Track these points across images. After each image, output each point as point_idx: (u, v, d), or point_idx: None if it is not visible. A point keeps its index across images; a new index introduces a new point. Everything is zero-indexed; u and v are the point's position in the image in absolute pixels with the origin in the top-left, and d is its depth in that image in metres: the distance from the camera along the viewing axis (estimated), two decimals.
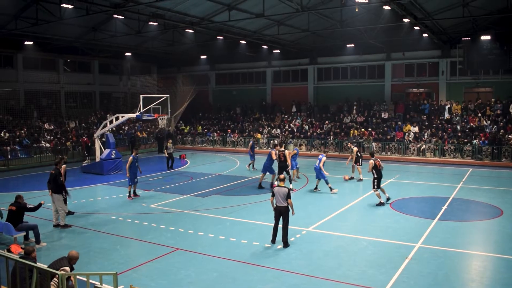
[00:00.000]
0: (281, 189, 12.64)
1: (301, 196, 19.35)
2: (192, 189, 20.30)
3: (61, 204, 14.89)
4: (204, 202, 18.31)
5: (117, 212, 16.83)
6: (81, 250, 12.60)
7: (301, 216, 15.87)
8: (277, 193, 12.63)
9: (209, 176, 23.48)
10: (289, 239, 13.06)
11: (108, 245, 12.95)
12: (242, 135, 38.56)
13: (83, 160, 30.50)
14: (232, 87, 46.35)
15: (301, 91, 41.81)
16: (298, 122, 38.49)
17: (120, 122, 28.01)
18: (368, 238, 13.26)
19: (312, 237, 13.45)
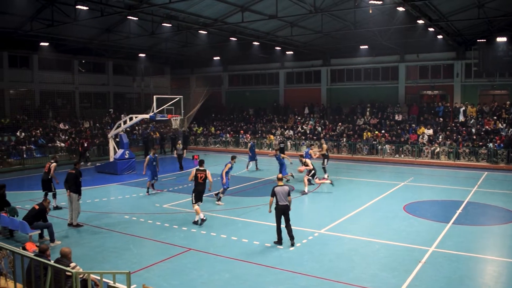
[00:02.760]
0: (283, 188, 12.84)
1: (313, 199, 19.31)
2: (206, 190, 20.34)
3: (78, 205, 15.04)
4: (215, 203, 18.33)
5: (130, 212, 16.94)
6: (95, 249, 12.75)
7: (313, 218, 15.84)
8: (279, 192, 12.77)
9: None
10: (302, 241, 13.07)
11: (121, 245, 13.04)
12: (255, 136, 38.58)
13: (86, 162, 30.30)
14: (245, 89, 46.39)
15: (314, 92, 41.71)
16: (311, 124, 38.40)
17: (134, 122, 28.18)
18: (381, 241, 13.18)
19: (324, 239, 13.41)
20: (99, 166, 27.52)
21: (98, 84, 41.56)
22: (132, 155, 27.00)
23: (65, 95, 38.77)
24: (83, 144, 31.12)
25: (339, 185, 22.33)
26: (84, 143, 31.02)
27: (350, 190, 21.09)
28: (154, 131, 39.72)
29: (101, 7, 24.15)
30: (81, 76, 39.96)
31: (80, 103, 40.10)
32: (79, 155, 30.61)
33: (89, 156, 31.45)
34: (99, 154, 33.65)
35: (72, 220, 15.03)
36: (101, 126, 37.66)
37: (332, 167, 25.36)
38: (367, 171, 27.08)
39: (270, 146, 36.82)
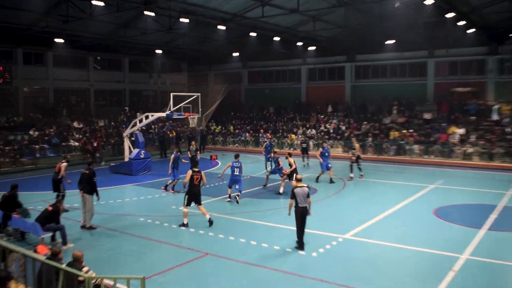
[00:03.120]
0: (303, 189, 12.76)
1: (337, 201, 19.13)
2: (222, 191, 20.31)
3: (91, 206, 15.11)
4: (235, 205, 18.30)
5: (146, 214, 16.97)
6: (109, 252, 12.77)
7: (338, 222, 15.66)
8: (299, 194, 12.69)
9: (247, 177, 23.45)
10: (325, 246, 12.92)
11: (136, 248, 13.06)
12: (276, 136, 38.45)
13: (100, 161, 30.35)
14: (265, 86, 46.31)
15: (337, 90, 41.42)
16: (334, 123, 38.13)
17: (150, 121, 28.31)
18: (409, 248, 12.94)
19: (349, 245, 13.24)
20: (113, 166, 27.71)
21: (113, 81, 41.95)
22: (148, 155, 27.12)
23: (79, 93, 39.26)
24: (92, 143, 31.20)
25: (365, 187, 22.10)
26: (94, 143, 31.04)
27: (376, 192, 20.85)
28: (170, 130, 39.90)
29: (117, 2, 24.33)
30: (96, 73, 40.39)
31: (95, 101, 40.53)
32: (92, 155, 30.80)
33: (100, 156, 31.22)
34: (113, 154, 33.91)
35: (85, 222, 15.10)
36: (116, 125, 37.98)
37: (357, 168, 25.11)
38: (394, 173, 26.79)
39: (291, 146, 36.65)
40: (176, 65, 48.22)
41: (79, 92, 39.13)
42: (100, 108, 40.49)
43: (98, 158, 30.95)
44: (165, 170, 26.83)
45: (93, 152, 30.67)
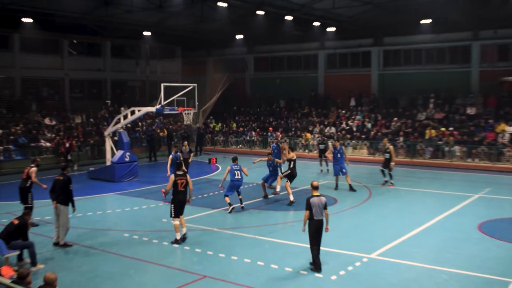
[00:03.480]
0: (320, 199, 12.76)
1: (362, 213, 19.08)
2: (223, 201, 20.27)
3: (66, 219, 15.10)
4: (238, 218, 18.27)
5: (131, 228, 16.97)
6: (87, 275, 12.77)
7: (362, 238, 15.61)
8: (315, 204, 12.66)
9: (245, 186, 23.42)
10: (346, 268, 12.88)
11: (119, 270, 13.05)
12: (287, 135, 38.42)
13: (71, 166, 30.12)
14: (275, 75, 46.31)
15: (362, 79, 41.33)
16: (358, 119, 38.06)
17: (137, 117, 28.34)
18: (449, 270, 12.88)
19: (376, 267, 13.19)
20: (92, 172, 27.77)
21: (92, 69, 42.04)
22: (134, 158, 27.16)
23: (52, 83, 39.34)
24: (64, 144, 31.01)
25: (394, 197, 22.03)
26: (66, 143, 30.96)
27: (409, 203, 20.78)
28: (161, 128, 39.97)
29: None
30: (72, 60, 40.49)
31: (70, 93, 40.62)
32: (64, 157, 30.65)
33: (72, 160, 31.04)
34: (93, 156, 34.00)
35: (58, 238, 15.10)
36: (96, 122, 38.07)
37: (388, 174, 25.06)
38: (430, 179, 26.70)
39: (306, 147, 36.62)
40: (168, 50, 48.27)
41: (51, 82, 39.22)
42: (77, 102, 40.58)
43: (70, 161, 30.67)
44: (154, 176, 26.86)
45: (65, 154, 30.54)
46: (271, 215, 18.95)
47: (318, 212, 12.67)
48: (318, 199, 12.75)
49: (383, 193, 22.81)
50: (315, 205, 12.67)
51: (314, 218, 12.67)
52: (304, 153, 36.15)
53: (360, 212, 19.27)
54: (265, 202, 21.05)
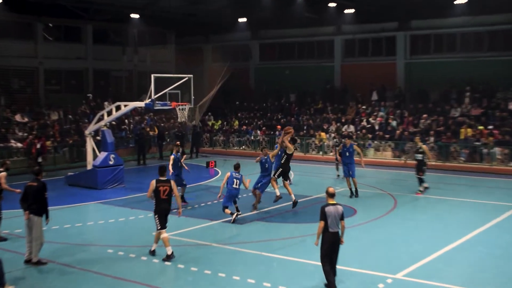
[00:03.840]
0: (336, 209, 12.67)
1: (385, 226, 19.06)
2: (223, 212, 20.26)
3: (40, 232, 15.05)
4: (241, 232, 18.28)
5: (115, 243, 16.93)
6: None
7: (385, 255, 15.58)
8: (331, 214, 12.57)
9: (249, 194, 23.38)
10: None
11: None
12: (298, 134, 38.35)
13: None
14: (284, 64, 46.28)
15: (385, 69, 41.27)
16: (381, 116, 37.98)
17: (123, 113, 28.31)
18: None
19: None
20: (71, 177, 27.74)
21: (71, 57, 42.03)
22: (120, 161, 27.15)
23: (24, 74, 39.35)
24: (34, 144, 30.90)
25: (424, 207, 21.98)
26: (37, 144, 30.86)
27: (440, 214, 20.71)
28: (151, 126, 39.95)
29: None
30: (47, 47, 40.50)
31: (45, 85, 40.59)
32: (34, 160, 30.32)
33: (42, 163, 30.67)
34: (71, 159, 33.99)
35: (31, 254, 15.07)
36: (76, 118, 38.04)
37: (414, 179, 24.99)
38: (465, 186, 26.70)
39: (321, 148, 36.56)
40: (159, 35, 48.27)
41: (23, 72, 39.23)
42: (53, 95, 40.56)
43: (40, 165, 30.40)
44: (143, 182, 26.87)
45: (36, 157, 30.41)
46: (278, 227, 18.91)
47: (334, 223, 12.57)
48: (334, 208, 12.66)
49: (410, 203, 22.78)
50: (331, 215, 12.56)
51: (329, 230, 12.56)
52: (318, 155, 36.11)
53: (383, 225, 19.21)
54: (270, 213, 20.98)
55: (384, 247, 16.57)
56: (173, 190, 15.56)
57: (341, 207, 12.81)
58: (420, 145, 24.76)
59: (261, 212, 20.90)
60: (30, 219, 15.00)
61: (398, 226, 19.12)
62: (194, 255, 15.67)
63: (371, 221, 19.68)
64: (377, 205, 22.17)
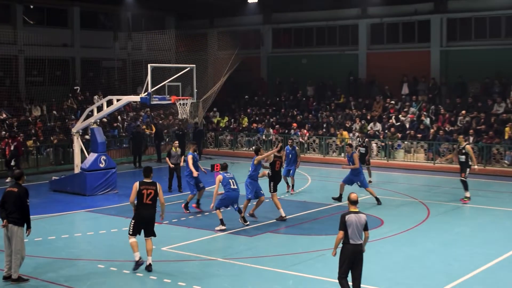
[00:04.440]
0: (359, 218, 12.61)
1: (417, 240, 19.05)
2: (231, 222, 20.32)
3: (21, 245, 15.11)
4: (251, 245, 18.31)
5: (107, 257, 17.00)
6: None
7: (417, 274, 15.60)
8: (352, 223, 12.53)
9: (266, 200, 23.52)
10: None
11: None
12: (317, 133, 38.32)
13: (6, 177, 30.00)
14: (301, 52, 46.31)
15: (418, 58, 41.24)
16: (412, 112, 37.89)
17: (115, 108, 28.38)
18: None
19: None
20: (56, 182, 27.92)
21: (56, 44, 42.11)
22: (112, 164, 27.25)
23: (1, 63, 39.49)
24: (8, 144, 30.81)
25: (463, 216, 21.93)
26: (11, 144, 30.91)
27: (482, 226, 20.72)
28: (147, 124, 40.01)
29: None
30: (28, 32, 40.60)
31: (26, 76, 40.73)
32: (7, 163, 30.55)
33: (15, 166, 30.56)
34: (56, 161, 34.08)
35: (10, 270, 15.15)
36: (61, 115, 38.15)
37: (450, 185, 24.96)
38: (510, 194, 26.63)
39: (343, 150, 36.47)
40: (157, 18, 48.34)
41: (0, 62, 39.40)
42: (35, 88, 40.64)
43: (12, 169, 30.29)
44: None
45: (9, 159, 30.34)
46: (293, 240, 18.95)
47: (356, 234, 12.52)
48: (356, 217, 12.61)
49: (445, 213, 22.74)
50: (352, 224, 12.52)
51: (350, 242, 12.53)
52: (339, 157, 36.05)
53: (414, 238, 19.17)
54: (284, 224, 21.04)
55: (415, 263, 16.56)
56: (159, 195, 15.61)
57: (364, 215, 12.78)
58: (464, 145, 24.68)
59: (274, 223, 21.00)
60: (10, 229, 14.97)
61: (431, 239, 19.06)
62: (197, 272, 15.72)
63: (400, 233, 19.65)
64: (407, 215, 22.19)
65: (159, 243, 18.33)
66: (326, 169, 33.33)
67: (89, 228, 20.73)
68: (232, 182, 19.82)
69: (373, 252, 15.65)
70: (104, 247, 18.32)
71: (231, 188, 19.68)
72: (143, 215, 15.49)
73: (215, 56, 45.06)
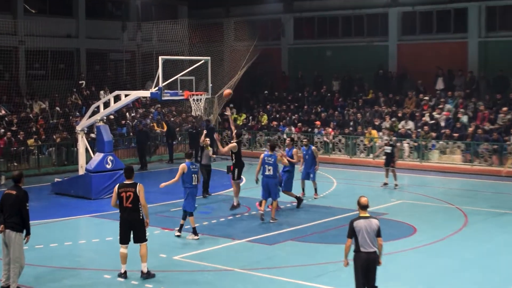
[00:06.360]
0: (370, 223, 12.58)
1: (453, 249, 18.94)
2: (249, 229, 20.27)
3: (20, 252, 15.10)
4: (271, 254, 18.27)
5: (114, 267, 16.91)
6: None
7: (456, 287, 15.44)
8: (362, 229, 12.49)
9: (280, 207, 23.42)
10: None
11: None
12: (343, 132, 38.23)
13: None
14: (325, 43, 46.27)
15: (454, 50, 41.15)
16: (448, 109, 37.71)
17: (124, 104, 28.46)
18: None
19: None
20: (59, 184, 27.99)
21: (59, 35, 42.27)
22: (120, 164, 27.27)
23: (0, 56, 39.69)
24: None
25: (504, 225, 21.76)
26: None
27: None
28: (158, 122, 40.05)
29: None
30: (29, 22, 40.76)
31: (27, 69, 40.88)
32: None
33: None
34: (59, 162, 34.17)
35: (8, 280, 15.17)
36: (65, 111, 38.22)
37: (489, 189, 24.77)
38: None
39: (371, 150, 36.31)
40: (169, 7, 48.42)
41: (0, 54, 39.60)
42: (37, 82, 40.80)
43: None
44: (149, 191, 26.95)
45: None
46: (317, 249, 18.90)
47: (366, 241, 12.42)
48: (366, 222, 12.55)
49: (485, 220, 22.61)
50: (362, 230, 12.46)
51: (362, 250, 12.46)
52: (367, 158, 35.93)
53: (451, 248, 19.06)
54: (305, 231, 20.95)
55: (451, 276, 16.45)
56: (139, 197, 15.47)
57: (376, 220, 12.70)
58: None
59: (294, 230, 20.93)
60: (7, 235, 14.93)
61: (469, 249, 18.97)
62: (212, 283, 15.68)
63: (435, 242, 19.48)
64: (442, 222, 22.03)
65: (170, 252, 18.37)
66: (353, 171, 33.26)
67: (95, 234, 20.77)
68: (194, 177, 19.61)
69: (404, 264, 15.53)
70: (111, 255, 18.23)
71: (192, 183, 19.54)
72: (125, 220, 15.56)
73: (232, 48, 45.04)
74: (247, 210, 22.02)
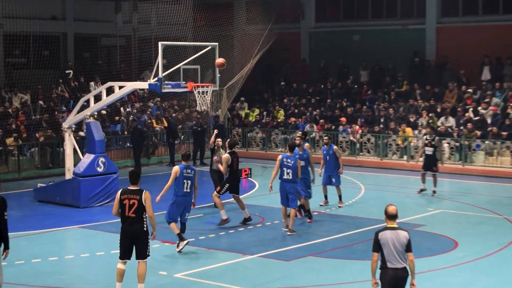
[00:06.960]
0: (396, 234, 12.50)
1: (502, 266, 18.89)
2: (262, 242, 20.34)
3: None
4: (288, 272, 18.28)
5: (106, 285, 17.09)
6: None
7: None
8: (388, 242, 12.43)
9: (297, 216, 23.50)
10: None
11: None
12: (372, 130, 38.25)
13: None
14: (352, 27, 46.31)
15: (503, 34, 41.05)
16: (495, 104, 37.64)
17: (117, 98, 28.56)
18: None
19: None
20: (42, 190, 28.11)
21: (43, 17, 42.45)
22: (113, 168, 27.40)
23: None
24: None
25: None
26: None
27: None
28: (158, 118, 40.16)
29: None
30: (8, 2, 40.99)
31: (6, 57, 41.09)
32: None
33: None
34: (43, 164, 34.31)
35: None
36: (49, 105, 38.37)
37: None
38: None
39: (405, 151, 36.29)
40: None
41: None
42: (17, 72, 40.96)
43: None
44: None
45: None
46: (341, 265, 18.94)
47: (393, 256, 12.38)
48: (393, 234, 12.48)
49: None
50: (388, 242, 12.41)
51: (388, 266, 12.42)
52: (400, 161, 35.92)
53: (498, 265, 18.99)
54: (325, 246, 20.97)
55: None
56: (146, 206, 15.42)
57: (406, 233, 12.58)
58: None
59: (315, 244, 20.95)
60: None
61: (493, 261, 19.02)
62: None
63: (479, 259, 19.44)
64: (488, 236, 21.98)
65: (171, 268, 18.46)
66: (383, 176, 33.27)
67: (84, 248, 20.84)
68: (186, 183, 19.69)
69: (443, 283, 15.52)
70: (102, 272, 18.36)
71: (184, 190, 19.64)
72: (127, 231, 15.43)
73: (243, 32, 45.15)
74: (261, 221, 21.97)
